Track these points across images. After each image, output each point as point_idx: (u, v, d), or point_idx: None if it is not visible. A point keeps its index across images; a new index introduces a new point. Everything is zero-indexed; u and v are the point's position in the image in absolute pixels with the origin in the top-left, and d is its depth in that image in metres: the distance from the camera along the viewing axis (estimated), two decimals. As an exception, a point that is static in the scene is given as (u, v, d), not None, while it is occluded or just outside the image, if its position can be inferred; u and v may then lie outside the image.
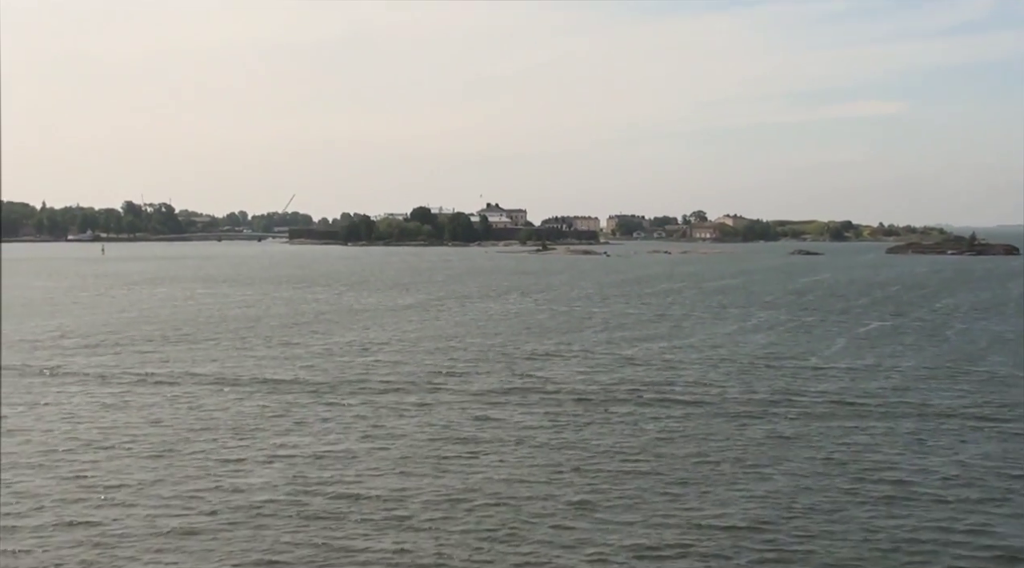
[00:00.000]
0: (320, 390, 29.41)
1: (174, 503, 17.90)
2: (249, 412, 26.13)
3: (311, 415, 25.72)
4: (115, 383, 30.62)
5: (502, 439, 22.98)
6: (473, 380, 31.42)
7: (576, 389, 29.80)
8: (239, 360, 35.91)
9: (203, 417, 25.43)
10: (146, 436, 23.12)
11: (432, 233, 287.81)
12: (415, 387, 29.92)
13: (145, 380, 31.14)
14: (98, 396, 28.43)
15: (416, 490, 18.71)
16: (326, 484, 19.06)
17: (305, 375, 32.19)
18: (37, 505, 17.72)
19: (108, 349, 38.91)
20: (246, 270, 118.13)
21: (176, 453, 21.45)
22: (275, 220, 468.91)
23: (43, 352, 37.87)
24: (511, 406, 27.10)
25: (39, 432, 23.59)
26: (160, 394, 28.72)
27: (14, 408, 26.58)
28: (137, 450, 21.73)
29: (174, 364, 34.70)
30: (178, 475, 19.72)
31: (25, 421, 24.96)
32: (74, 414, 25.80)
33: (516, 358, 36.89)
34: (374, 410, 26.49)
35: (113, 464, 20.51)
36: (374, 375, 32.34)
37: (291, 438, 22.98)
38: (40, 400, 27.79)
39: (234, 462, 20.76)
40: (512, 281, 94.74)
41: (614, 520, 17.17)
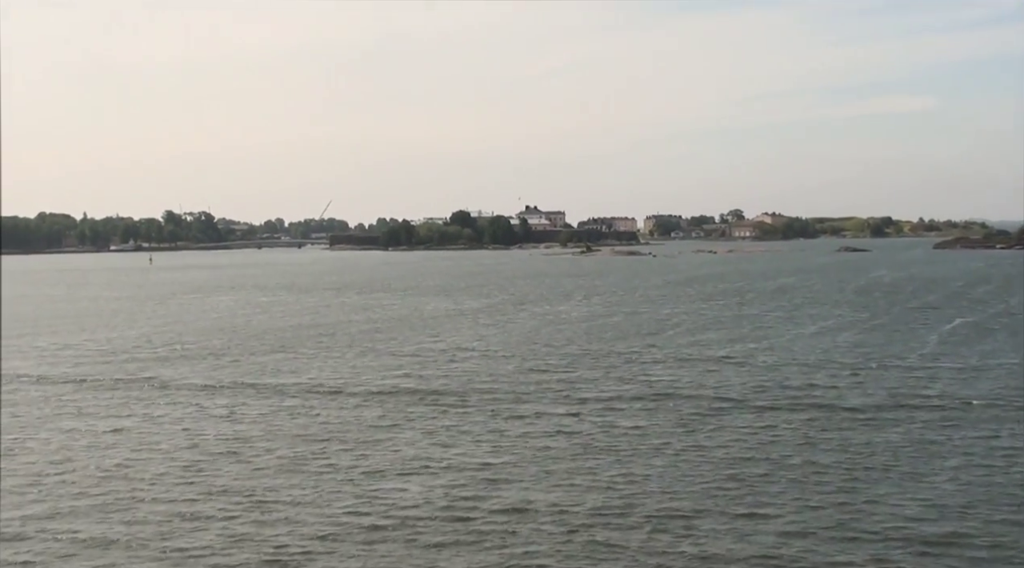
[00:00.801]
0: (431, 398, 29.02)
1: (335, 518, 17.54)
2: (370, 422, 25.78)
3: (434, 424, 25.32)
4: (223, 393, 30.38)
5: (638, 447, 22.49)
6: (582, 386, 30.94)
7: (690, 394, 29.25)
8: (336, 368, 35.63)
9: (326, 428, 25.08)
10: (275, 448, 22.79)
11: (472, 237, 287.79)
12: (526, 394, 29.47)
13: (252, 390, 30.88)
14: (209, 407, 28.19)
15: (575, 503, 18.25)
16: (481, 497, 18.64)
17: (410, 383, 31.83)
18: (203, 525, 17.44)
19: (202, 359, 38.75)
20: (301, 277, 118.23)
21: (313, 465, 21.11)
22: (312, 226, 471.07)
23: (136, 363, 37.75)
24: (632, 413, 26.61)
25: (165, 443, 23.35)
26: (272, 404, 28.44)
27: (131, 418, 26.40)
28: (274, 462, 21.42)
29: (275, 373, 34.44)
30: (326, 488, 19.38)
31: (149, 431, 24.75)
32: (193, 425, 25.53)
33: (614, 362, 36.38)
34: (494, 417, 26.08)
35: (258, 479, 20.16)
36: (479, 381, 31.95)
37: (424, 448, 22.60)
38: (153, 412, 27.60)
39: (376, 474, 20.38)
40: (569, 284, 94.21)
41: (796, 531, 16.68)
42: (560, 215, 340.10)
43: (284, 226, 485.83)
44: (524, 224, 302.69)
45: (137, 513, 17.89)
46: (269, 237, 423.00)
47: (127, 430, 25.12)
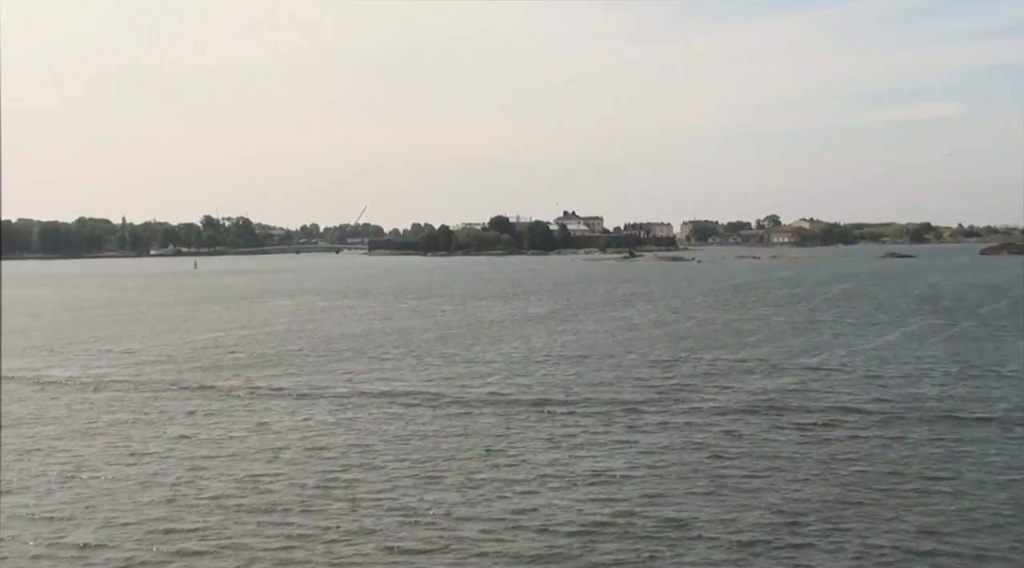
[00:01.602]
0: (538, 406, 28.34)
1: (500, 534, 16.96)
2: (484, 430, 25.13)
3: (552, 433, 24.64)
4: (326, 400, 29.85)
5: (776, 458, 21.80)
6: (687, 394, 30.19)
7: (802, 402, 28.46)
8: (428, 374, 35.08)
9: (441, 436, 24.48)
10: (401, 457, 22.23)
11: (510, 242, 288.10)
12: (635, 402, 28.73)
13: (353, 397, 30.35)
14: (316, 414, 27.68)
15: (736, 516, 17.60)
16: (640, 511, 17.96)
17: (511, 390, 31.16)
18: (363, 538, 16.96)
19: (289, 365, 38.27)
20: (351, 282, 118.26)
21: (452, 477, 20.55)
22: (347, 232, 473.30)
23: (225, 369, 37.34)
24: (749, 422, 25.87)
25: (290, 450, 22.90)
26: (377, 411, 27.88)
27: (243, 425, 25.98)
28: (408, 473, 20.85)
29: (369, 380, 33.91)
30: (472, 498, 18.83)
31: (267, 438, 24.32)
32: (310, 433, 24.96)
33: (709, 369, 35.62)
34: (612, 426, 25.37)
35: (402, 490, 19.62)
36: (581, 389, 31.25)
37: (555, 459, 21.95)
38: (263, 419, 27.14)
39: (520, 485, 19.78)
40: (623, 289, 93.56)
41: (971, 544, 16.00)
42: (598, 220, 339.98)
43: (319, 231, 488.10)
44: (563, 229, 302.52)
45: (289, 527, 17.40)
46: (306, 242, 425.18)
47: (244, 438, 24.64)
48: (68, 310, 73.64)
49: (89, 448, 23.54)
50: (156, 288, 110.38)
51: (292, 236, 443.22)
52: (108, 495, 19.41)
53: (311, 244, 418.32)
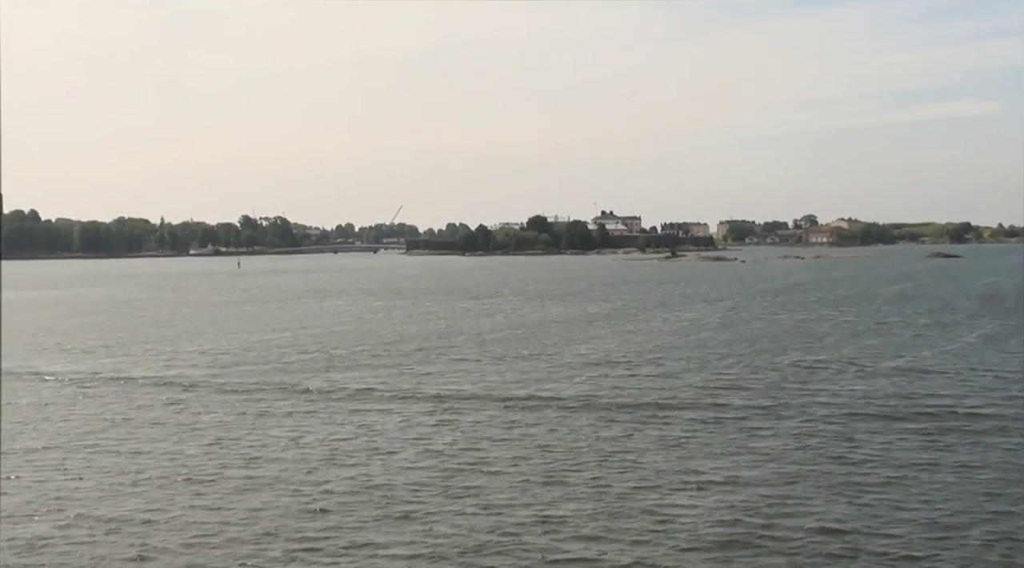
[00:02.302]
0: (633, 408, 27.77)
1: (645, 538, 16.57)
2: (588, 432, 24.56)
3: (661, 435, 24.06)
4: (417, 402, 29.38)
5: (906, 462, 21.21)
6: (785, 397, 29.52)
7: (910, 406, 27.78)
8: (515, 376, 34.53)
9: (546, 439, 23.92)
10: (516, 461, 21.75)
11: (549, 242, 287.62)
12: (735, 405, 28.20)
13: (442, 399, 29.82)
14: (412, 416, 27.25)
15: (888, 522, 17.06)
16: (788, 514, 17.48)
17: (603, 392, 30.55)
18: (500, 547, 16.58)
19: (366, 365, 37.84)
20: (399, 282, 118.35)
21: (575, 480, 20.10)
22: (383, 231, 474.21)
23: (304, 370, 37.03)
24: (860, 424, 25.29)
25: (401, 454, 22.54)
26: (471, 414, 27.38)
27: (342, 426, 25.63)
28: (531, 477, 20.41)
29: (455, 382, 33.32)
30: (610, 504, 18.30)
31: (373, 440, 23.95)
32: (415, 435, 24.59)
33: (799, 372, 34.82)
34: (721, 428, 24.81)
35: (531, 494, 19.17)
36: (676, 391, 30.63)
37: (674, 462, 21.41)
38: (361, 420, 26.77)
39: (649, 489, 19.26)
40: (675, 289, 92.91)
41: None
42: (636, 220, 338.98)
43: (355, 231, 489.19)
44: (601, 229, 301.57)
45: (426, 531, 17.04)
46: (343, 242, 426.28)
47: (351, 439, 24.23)
48: (128, 309, 73.86)
49: (205, 452, 23.22)
50: (207, 287, 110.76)
51: (328, 236, 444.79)
52: (237, 498, 19.10)
53: (348, 244, 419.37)
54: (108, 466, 21.79)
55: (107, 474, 21.05)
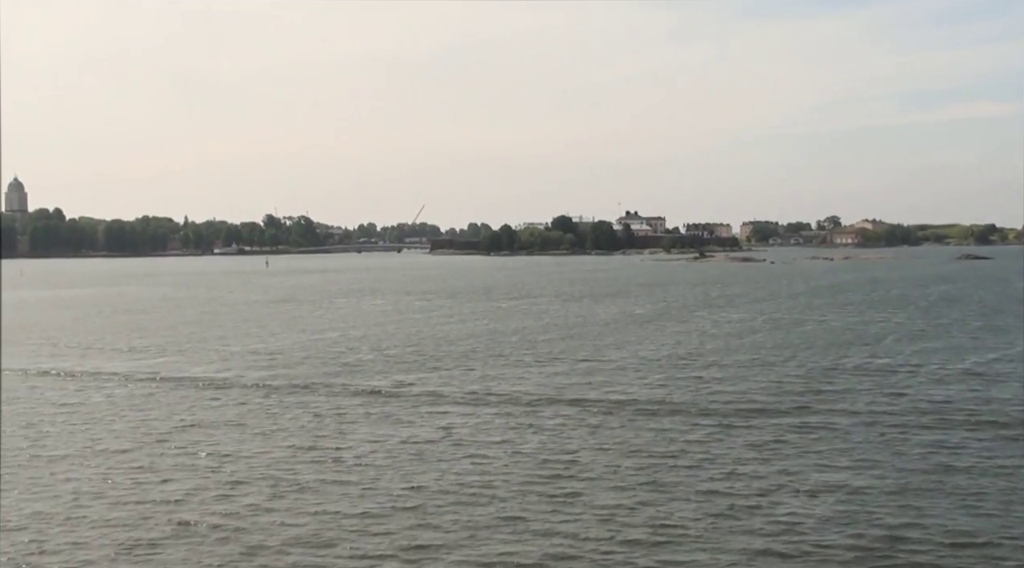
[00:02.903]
0: (713, 412, 27.25)
1: (759, 543, 16.12)
2: (683, 437, 24.08)
3: (751, 439, 23.62)
4: (487, 404, 28.86)
5: (1014, 472, 20.70)
6: (856, 399, 29.01)
7: (986, 410, 27.29)
8: (578, 378, 33.98)
9: (639, 442, 23.48)
10: (611, 468, 21.30)
11: (574, 242, 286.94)
12: (811, 408, 27.65)
13: (516, 401, 29.34)
14: (485, 417, 26.78)
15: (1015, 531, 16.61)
16: (908, 527, 16.97)
17: (679, 396, 29.97)
18: (636, 558, 16.15)
19: (428, 368, 37.27)
20: (431, 282, 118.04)
21: (670, 486, 19.59)
22: (405, 231, 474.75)
23: (366, 372, 36.69)
24: (947, 431, 24.69)
25: (501, 460, 22.08)
26: (551, 417, 26.87)
27: (429, 429, 25.23)
28: (625, 481, 19.86)
29: (521, 383, 32.81)
30: (723, 512, 17.81)
31: (443, 443, 23.49)
32: (499, 437, 24.16)
33: (868, 374, 34.20)
34: (809, 433, 24.30)
35: (632, 500, 18.71)
36: (744, 394, 30.06)
37: (774, 466, 20.96)
38: (439, 422, 26.39)
39: (759, 496, 18.77)
40: (713, 290, 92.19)
41: None
42: (660, 220, 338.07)
43: (376, 230, 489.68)
44: (627, 229, 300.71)
45: (525, 539, 16.63)
46: (366, 241, 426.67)
47: (436, 441, 23.80)
48: (169, 308, 73.73)
49: (293, 454, 22.85)
50: (241, 287, 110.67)
51: (351, 235, 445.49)
52: (338, 501, 18.74)
53: (371, 243, 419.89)
54: (200, 468, 21.45)
55: (202, 476, 20.71)
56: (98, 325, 57.90)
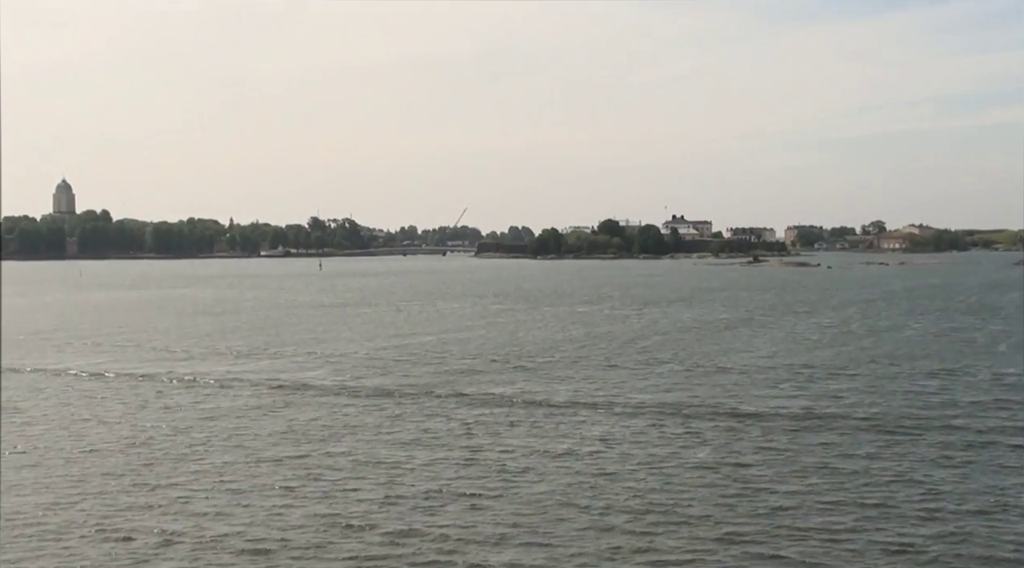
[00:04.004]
0: (851, 423, 26.46)
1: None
2: (838, 450, 23.29)
3: (920, 453, 22.88)
4: (606, 412, 28.19)
5: None
6: (1001, 410, 28.25)
7: None
8: (696, 386, 33.10)
9: (800, 455, 22.65)
10: (776, 482, 20.56)
11: (621, 246, 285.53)
12: (990, 425, 26.80)
13: (639, 409, 28.62)
14: (608, 425, 26.15)
15: None
16: None
17: (815, 404, 29.28)
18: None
19: (537, 373, 36.68)
20: (494, 285, 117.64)
21: (846, 498, 18.89)
22: (447, 234, 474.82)
23: (473, 377, 36.03)
24: None
25: (604, 466, 21.45)
26: (679, 426, 26.12)
27: (569, 440, 24.62)
28: (790, 494, 19.15)
29: (635, 390, 32.04)
30: (931, 531, 17.15)
31: (583, 451, 22.84)
32: (633, 446, 23.52)
33: (998, 383, 33.45)
34: (1005, 448, 23.52)
35: (816, 515, 18.09)
36: (882, 403, 29.32)
37: (957, 481, 20.25)
38: (565, 430, 25.73)
39: (958, 515, 18.08)
40: (787, 296, 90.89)
41: None
42: (707, 224, 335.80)
43: (418, 233, 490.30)
44: (674, 233, 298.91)
45: (743, 559, 16.00)
46: (410, 244, 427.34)
47: (575, 450, 23.16)
48: (250, 310, 73.65)
49: (459, 463, 22.36)
50: (305, 289, 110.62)
51: (394, 238, 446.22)
52: (522, 511, 18.19)
53: (415, 246, 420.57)
54: (369, 476, 20.93)
55: (373, 486, 20.19)
56: (195, 328, 57.65)
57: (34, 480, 20.84)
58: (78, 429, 26.43)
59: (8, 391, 32.73)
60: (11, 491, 19.90)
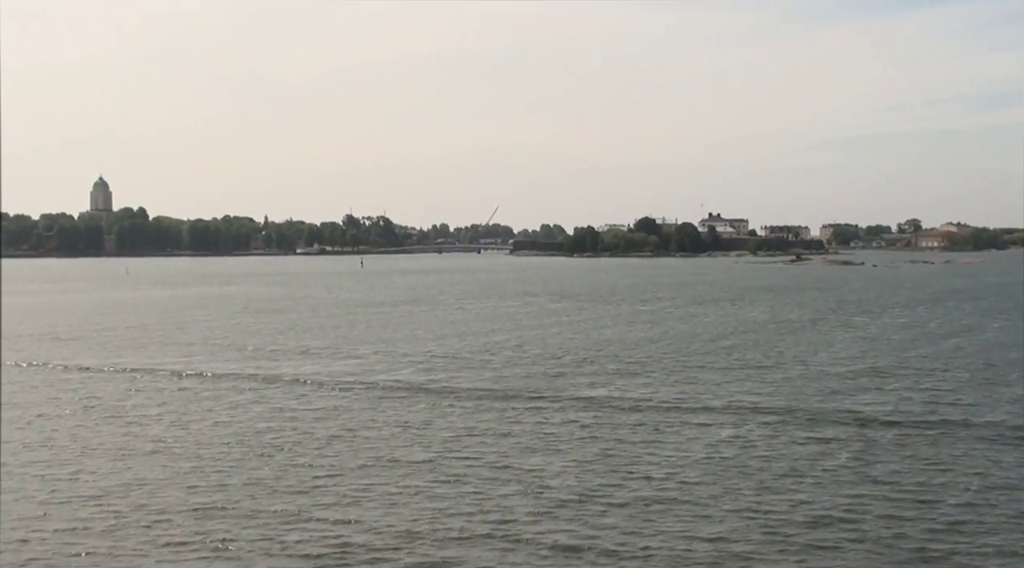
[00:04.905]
0: (972, 428, 25.73)
1: None
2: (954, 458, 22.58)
3: None
4: (751, 417, 27.64)
5: None
6: None
7: None
8: (813, 388, 32.45)
9: (950, 466, 22.05)
10: (946, 496, 19.90)
11: (657, 244, 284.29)
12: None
13: (769, 413, 28.01)
14: (734, 429, 25.53)
15: None
16: None
17: (913, 407, 28.61)
18: None
19: (638, 375, 36.15)
20: (540, 284, 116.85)
21: None
22: (479, 232, 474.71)
23: (577, 378, 35.44)
24: None
25: (743, 475, 20.73)
26: (808, 432, 25.44)
27: (686, 446, 23.96)
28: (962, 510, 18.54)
29: (752, 393, 31.36)
30: None
31: (730, 457, 22.12)
32: (770, 453, 22.85)
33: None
34: None
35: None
36: (1000, 410, 28.52)
37: None
38: (697, 434, 25.00)
39: None
40: (845, 295, 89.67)
41: None
42: (743, 222, 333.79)
43: (450, 231, 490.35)
44: (712, 232, 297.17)
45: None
46: (444, 242, 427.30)
47: (719, 457, 22.44)
48: (306, 308, 73.24)
49: (591, 471, 21.71)
50: (354, 287, 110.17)
51: (427, 236, 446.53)
52: (659, 519, 17.52)
53: (449, 244, 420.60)
54: (518, 482, 20.29)
55: (521, 491, 19.55)
56: (259, 326, 57.27)
57: (192, 484, 20.38)
58: (217, 433, 25.90)
59: (135, 393, 32.29)
60: (163, 490, 19.44)
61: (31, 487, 20.04)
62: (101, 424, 26.92)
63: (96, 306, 77.49)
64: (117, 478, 20.79)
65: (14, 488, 19.93)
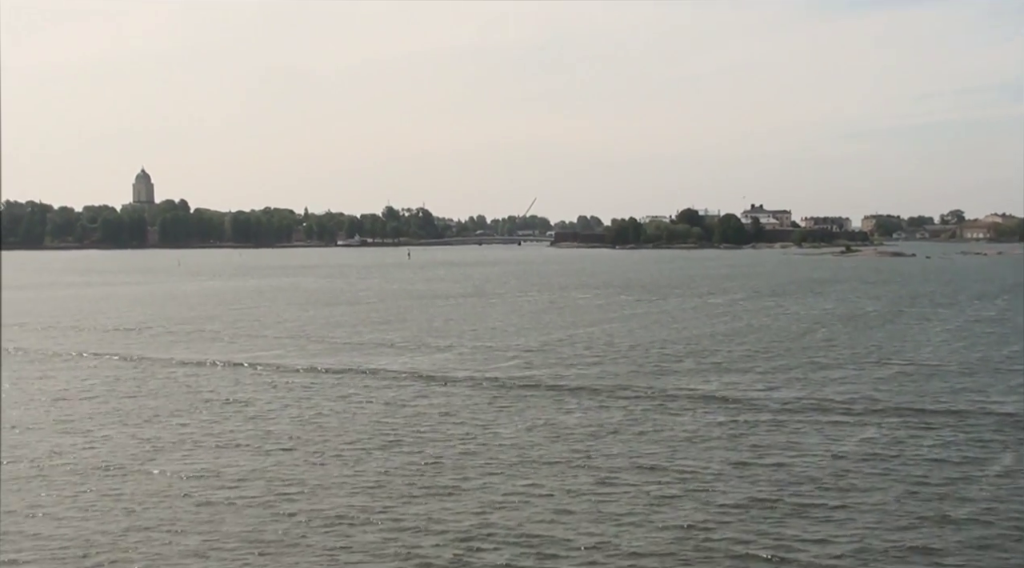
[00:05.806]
0: None
1: None
2: None
3: None
4: (870, 416, 26.94)
5: None
6: None
7: None
8: (934, 384, 31.75)
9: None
10: None
11: (700, 236, 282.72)
12: None
13: (898, 414, 27.25)
14: (865, 429, 24.82)
15: None
16: None
17: None
18: None
19: (750, 371, 35.39)
20: (591, 276, 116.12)
21: None
22: (517, 223, 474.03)
23: (691, 375, 34.84)
24: None
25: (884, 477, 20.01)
26: (953, 432, 24.70)
27: (830, 446, 23.23)
28: None
29: (873, 391, 30.66)
30: None
31: (880, 458, 21.44)
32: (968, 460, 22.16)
33: None
34: None
35: None
36: None
37: None
38: (828, 433, 24.34)
39: None
40: (914, 287, 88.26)
41: None
42: (786, 214, 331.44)
43: (487, 222, 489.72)
44: (755, 223, 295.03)
45: None
46: (483, 233, 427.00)
47: (855, 457, 21.79)
48: (373, 300, 72.88)
49: (722, 469, 21.14)
50: (410, 278, 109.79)
51: (466, 227, 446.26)
52: (827, 524, 16.86)
53: (488, 236, 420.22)
54: (680, 484, 19.70)
55: (686, 493, 18.99)
56: (332, 319, 56.96)
57: (320, 476, 19.96)
58: (351, 431, 25.44)
59: (247, 388, 32.02)
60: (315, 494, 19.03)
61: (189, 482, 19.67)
62: (231, 418, 26.63)
63: (168, 298, 77.40)
64: (259, 477, 20.39)
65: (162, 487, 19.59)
